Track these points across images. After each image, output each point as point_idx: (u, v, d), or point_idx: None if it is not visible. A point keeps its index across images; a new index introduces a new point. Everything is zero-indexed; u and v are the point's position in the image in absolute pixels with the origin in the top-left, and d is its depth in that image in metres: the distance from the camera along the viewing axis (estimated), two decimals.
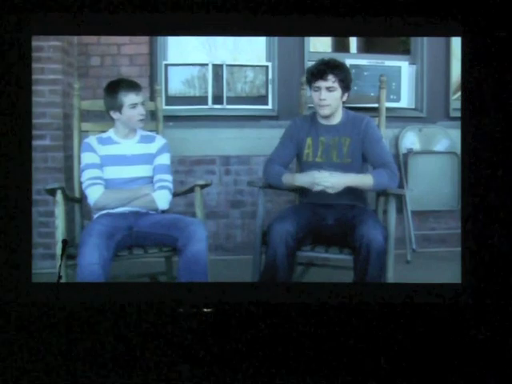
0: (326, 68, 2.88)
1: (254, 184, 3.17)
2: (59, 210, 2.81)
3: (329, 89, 2.88)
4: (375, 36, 4.07)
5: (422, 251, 3.90)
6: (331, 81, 2.88)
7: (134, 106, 2.92)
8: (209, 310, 2.86)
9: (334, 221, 2.95)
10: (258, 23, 3.02)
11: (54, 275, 2.43)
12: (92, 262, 2.68)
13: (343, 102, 2.97)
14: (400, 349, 2.74)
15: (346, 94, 2.94)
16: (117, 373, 2.65)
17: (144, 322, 2.83)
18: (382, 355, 2.72)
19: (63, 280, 2.75)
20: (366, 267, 2.72)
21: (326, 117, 2.95)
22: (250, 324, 2.83)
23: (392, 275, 2.85)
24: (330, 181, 2.80)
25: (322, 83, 2.88)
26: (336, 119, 2.97)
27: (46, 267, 2.55)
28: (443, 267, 3.05)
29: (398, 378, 2.63)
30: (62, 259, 2.39)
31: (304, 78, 3.09)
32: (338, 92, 2.90)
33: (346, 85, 2.91)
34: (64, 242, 2.42)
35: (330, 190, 2.81)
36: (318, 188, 2.82)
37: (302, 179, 2.89)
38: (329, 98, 2.89)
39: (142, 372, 2.67)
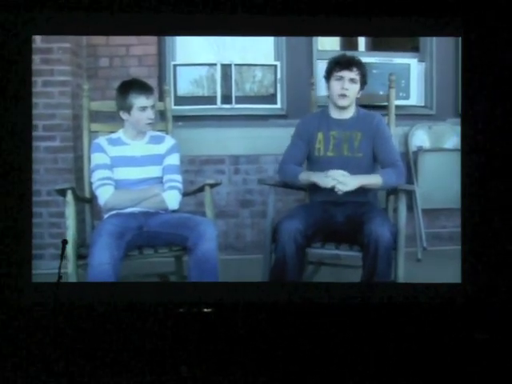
0: (351, 60, 2.95)
1: (264, 182, 3.18)
2: (70, 211, 2.83)
3: (352, 80, 2.93)
4: (374, 36, 4.06)
5: (432, 249, 3.88)
6: (355, 73, 2.93)
7: (143, 109, 2.92)
8: (209, 310, 2.86)
9: (343, 218, 2.95)
10: (265, 23, 3.03)
11: (63, 276, 2.43)
12: (103, 262, 2.70)
13: (356, 99, 3.00)
14: (400, 348, 2.74)
15: (361, 91, 2.99)
16: (118, 373, 2.66)
17: (148, 322, 2.83)
18: (383, 355, 2.71)
19: (74, 280, 2.78)
20: (375, 264, 2.73)
21: (343, 108, 2.97)
22: (256, 324, 2.84)
23: (403, 273, 2.84)
24: (344, 177, 2.80)
25: (346, 73, 2.92)
26: (349, 113, 3.00)
27: (57, 267, 2.57)
28: (454, 265, 3.03)
29: (399, 378, 2.63)
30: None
31: (313, 79, 3.13)
32: (358, 86, 2.96)
33: (364, 81, 2.98)
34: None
35: (340, 186, 2.80)
36: (331, 183, 2.81)
37: (318, 176, 2.88)
38: (351, 89, 2.94)
39: (143, 372, 2.68)
